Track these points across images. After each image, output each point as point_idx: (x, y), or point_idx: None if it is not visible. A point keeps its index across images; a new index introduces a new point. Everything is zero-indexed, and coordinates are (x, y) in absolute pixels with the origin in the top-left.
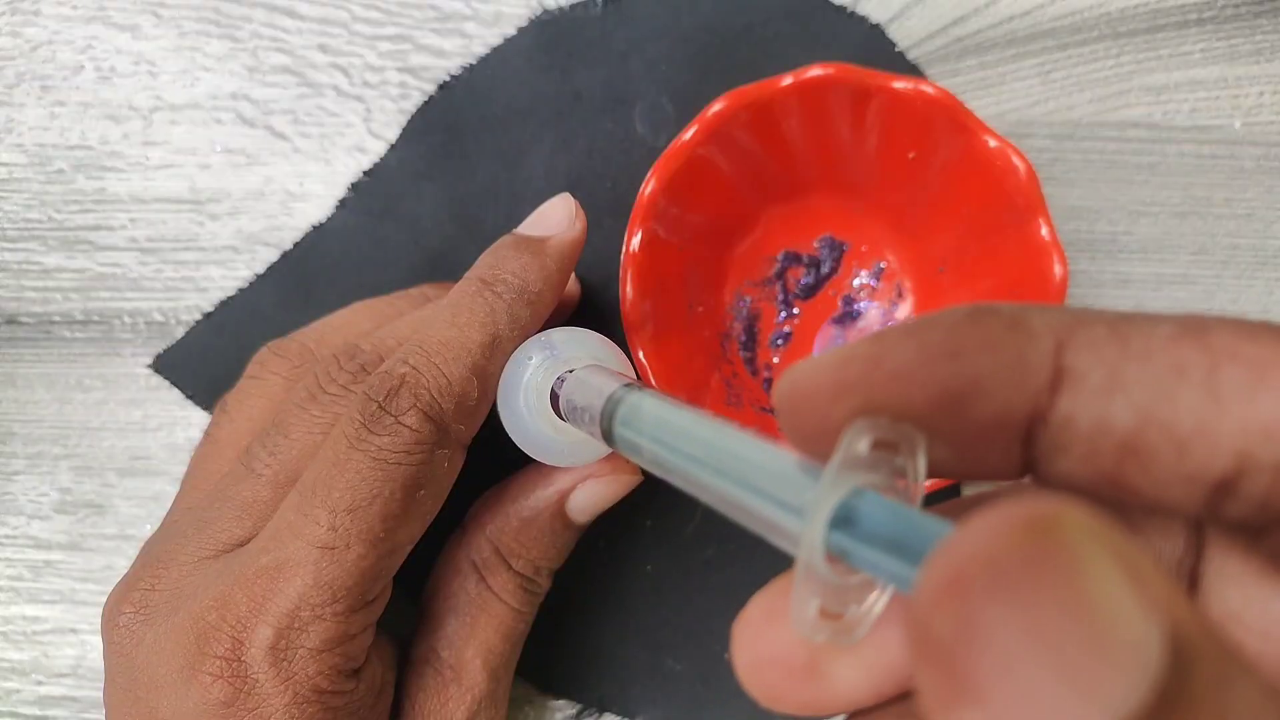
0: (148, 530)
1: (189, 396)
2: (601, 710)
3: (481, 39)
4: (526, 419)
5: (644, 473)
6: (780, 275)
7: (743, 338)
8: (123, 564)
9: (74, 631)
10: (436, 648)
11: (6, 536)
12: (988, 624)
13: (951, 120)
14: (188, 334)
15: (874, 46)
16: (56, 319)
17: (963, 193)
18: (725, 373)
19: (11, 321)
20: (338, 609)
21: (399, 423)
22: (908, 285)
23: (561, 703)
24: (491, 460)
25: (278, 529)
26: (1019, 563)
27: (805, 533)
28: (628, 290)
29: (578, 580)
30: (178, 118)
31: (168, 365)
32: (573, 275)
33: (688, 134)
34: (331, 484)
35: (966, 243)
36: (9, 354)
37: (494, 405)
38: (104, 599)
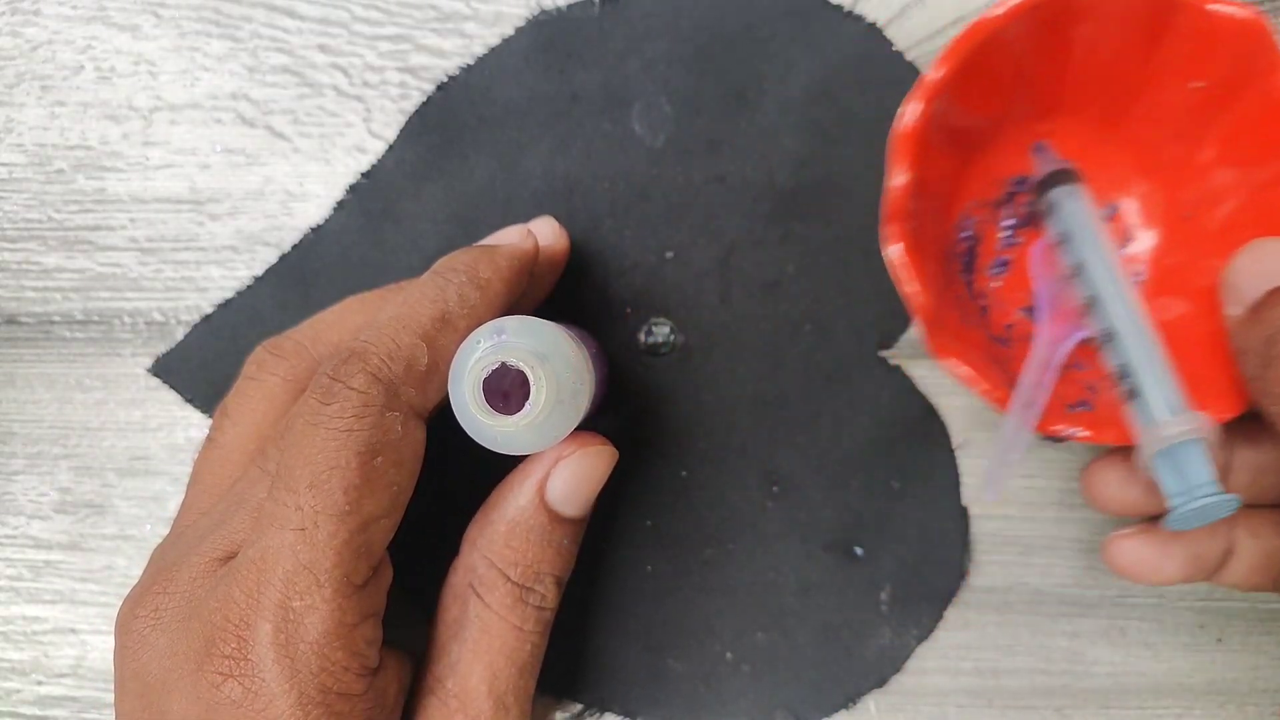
0: (148, 530)
1: (188, 400)
2: (602, 710)
3: (481, 39)
4: (467, 405)
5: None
6: (1008, 200)
7: (965, 259)
8: (123, 564)
9: (74, 631)
10: (441, 676)
11: (6, 536)
12: None
13: (1259, 52)
14: (186, 337)
15: (872, 46)
16: (56, 319)
17: (1248, 138)
18: (954, 292)
19: (11, 321)
20: (326, 594)
21: (347, 387)
22: (1144, 227)
23: (562, 702)
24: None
25: (258, 520)
26: None
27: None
28: (899, 172)
29: (578, 580)
30: (178, 118)
31: (167, 369)
32: (559, 229)
33: (998, 9)
34: (293, 464)
35: (1234, 192)
36: (9, 354)
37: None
38: (104, 599)
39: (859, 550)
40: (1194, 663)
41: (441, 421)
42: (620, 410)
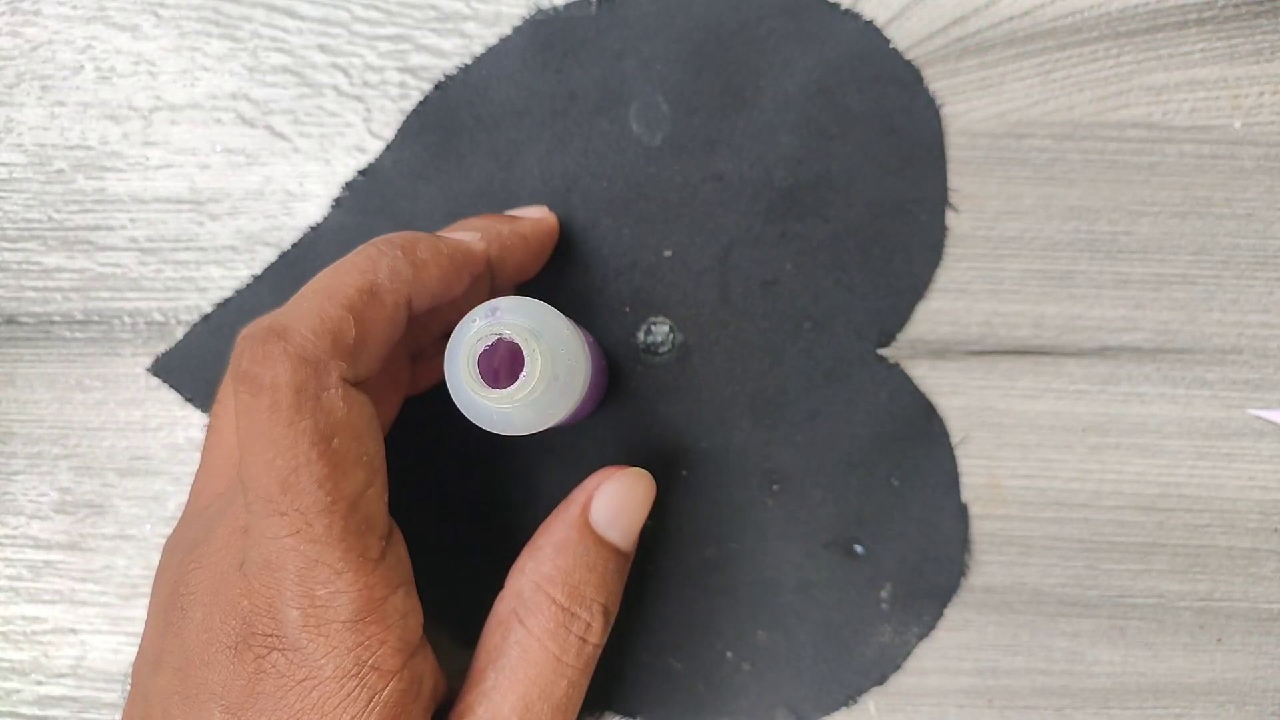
0: (148, 530)
1: (188, 399)
2: (603, 710)
3: (481, 39)
4: (462, 379)
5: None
6: None
7: None
8: (123, 564)
9: (74, 631)
10: (472, 704)
11: (6, 536)
12: None
13: None
14: (186, 337)
15: (870, 44)
16: (56, 319)
17: None
18: None
19: (11, 321)
20: (348, 578)
21: (273, 375)
22: None
23: None
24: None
25: (249, 529)
26: None
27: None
28: None
29: None
30: (178, 118)
31: (166, 368)
32: (545, 210)
33: None
34: (257, 475)
35: None
36: (9, 354)
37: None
38: (104, 599)
39: (859, 548)
40: (1194, 663)
41: (438, 420)
42: (619, 409)
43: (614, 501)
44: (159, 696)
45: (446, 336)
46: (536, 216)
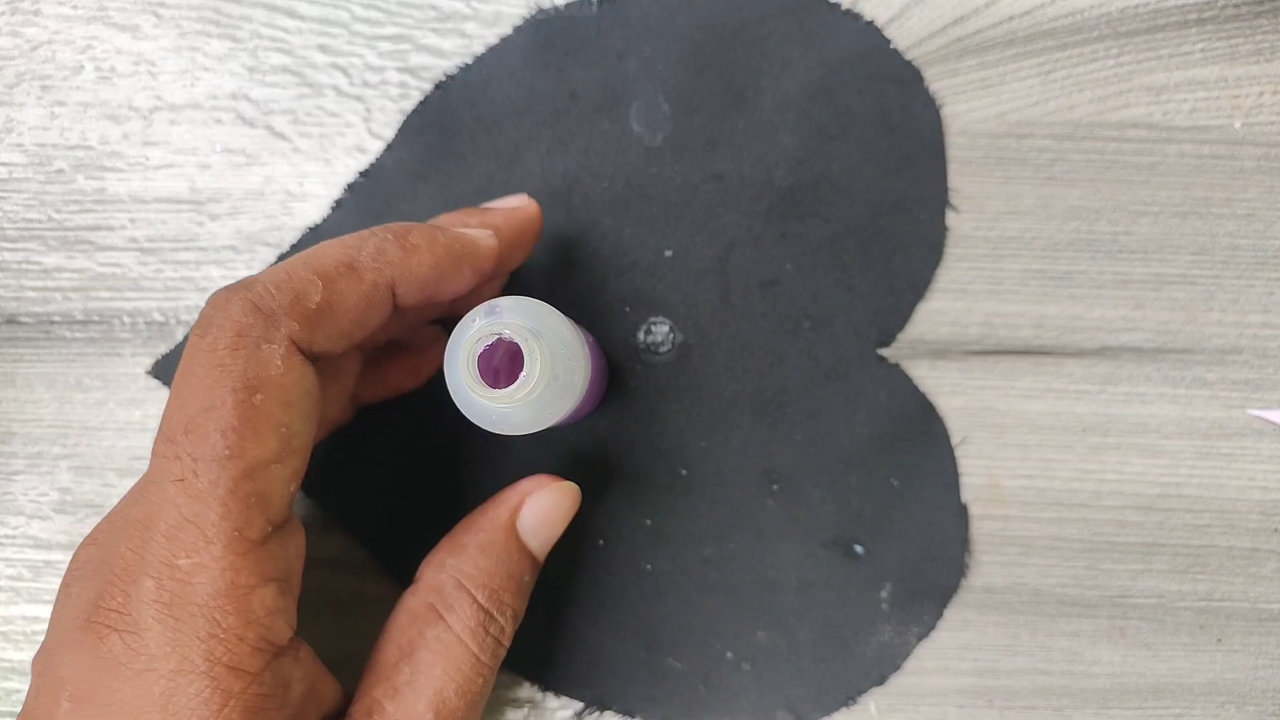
0: None
1: None
2: (602, 708)
3: (481, 39)
4: (461, 378)
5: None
6: None
7: None
8: None
9: None
10: (381, 699)
11: (6, 536)
12: None
13: None
14: (185, 340)
15: (870, 44)
16: (56, 319)
17: None
18: None
19: (11, 321)
20: (215, 551)
21: (224, 315)
22: None
23: (562, 701)
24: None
25: (145, 476)
26: None
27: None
28: None
29: (578, 578)
30: (178, 118)
31: (167, 370)
32: (528, 198)
33: None
34: (170, 411)
35: None
36: (9, 354)
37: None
38: None
39: (859, 548)
40: (1194, 663)
41: (439, 420)
42: (619, 409)
43: (542, 510)
44: (30, 686)
45: (443, 329)
46: (511, 206)
